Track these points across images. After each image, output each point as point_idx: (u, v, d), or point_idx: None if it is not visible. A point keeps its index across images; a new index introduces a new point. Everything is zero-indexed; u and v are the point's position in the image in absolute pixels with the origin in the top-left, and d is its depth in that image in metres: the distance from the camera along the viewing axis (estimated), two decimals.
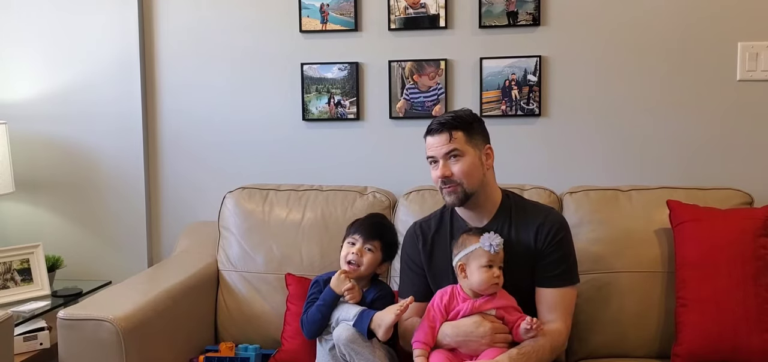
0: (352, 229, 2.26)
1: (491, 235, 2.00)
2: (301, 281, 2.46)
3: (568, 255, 2.12)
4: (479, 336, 1.98)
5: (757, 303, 2.17)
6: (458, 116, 2.10)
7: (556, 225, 2.11)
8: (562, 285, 2.08)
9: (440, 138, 2.07)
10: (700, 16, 2.67)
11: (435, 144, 2.09)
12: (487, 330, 1.97)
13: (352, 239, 2.23)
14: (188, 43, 2.99)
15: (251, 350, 2.45)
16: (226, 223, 2.71)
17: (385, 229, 2.27)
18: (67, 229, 3.08)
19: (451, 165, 2.06)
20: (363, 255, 2.19)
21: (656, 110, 2.73)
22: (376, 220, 2.29)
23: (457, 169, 2.06)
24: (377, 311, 2.06)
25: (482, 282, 2.00)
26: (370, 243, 2.20)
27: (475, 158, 2.08)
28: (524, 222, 2.12)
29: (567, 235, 2.13)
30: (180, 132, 3.03)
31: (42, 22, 3.03)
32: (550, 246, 2.08)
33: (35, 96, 3.06)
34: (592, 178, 2.70)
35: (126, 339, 2.14)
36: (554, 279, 2.08)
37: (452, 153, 2.06)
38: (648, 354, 2.36)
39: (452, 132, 2.06)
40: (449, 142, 2.06)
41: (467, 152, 2.07)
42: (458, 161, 2.06)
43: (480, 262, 2.00)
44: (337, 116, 2.91)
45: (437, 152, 2.08)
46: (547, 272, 2.08)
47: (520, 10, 2.75)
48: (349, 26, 2.86)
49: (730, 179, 2.60)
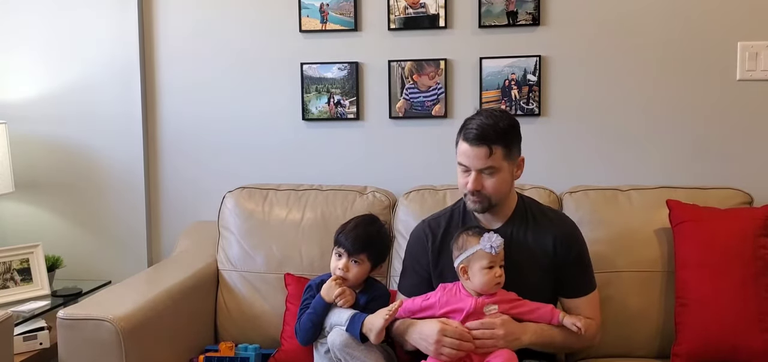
0: (339, 239, 2.19)
1: (491, 236, 1.99)
2: (300, 281, 2.46)
3: (588, 264, 2.16)
4: (434, 340, 1.95)
5: (757, 302, 2.17)
6: (500, 129, 1.98)
7: (573, 236, 2.14)
8: (587, 292, 2.14)
9: (479, 151, 1.97)
10: (699, 16, 2.67)
11: (472, 155, 1.99)
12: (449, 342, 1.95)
13: (338, 251, 2.18)
14: (188, 43, 2.99)
15: (251, 350, 2.45)
16: (226, 223, 2.71)
17: (371, 241, 2.18)
18: (66, 229, 3.08)
19: (484, 179, 2.00)
20: (349, 269, 2.16)
21: (656, 110, 2.73)
22: (361, 232, 2.18)
23: (489, 184, 2.00)
24: (371, 314, 2.04)
25: (485, 283, 2.00)
26: (355, 256, 2.16)
27: (509, 173, 2.04)
28: (538, 229, 2.12)
29: (583, 244, 2.17)
30: (180, 132, 3.03)
31: (42, 23, 3.03)
32: (571, 260, 2.11)
33: (35, 96, 3.06)
34: (591, 178, 2.70)
35: (126, 339, 2.14)
36: (580, 289, 2.13)
37: (488, 170, 1.99)
38: (648, 353, 2.37)
39: (493, 147, 1.97)
40: (488, 159, 1.97)
41: (503, 168, 2.00)
42: (492, 176, 2.00)
43: (482, 264, 1.99)
44: (337, 116, 2.91)
45: (472, 164, 1.99)
46: (572, 283, 2.12)
47: (519, 10, 2.75)
48: (349, 26, 2.86)
49: (729, 179, 2.60)
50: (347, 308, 2.12)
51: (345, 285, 2.16)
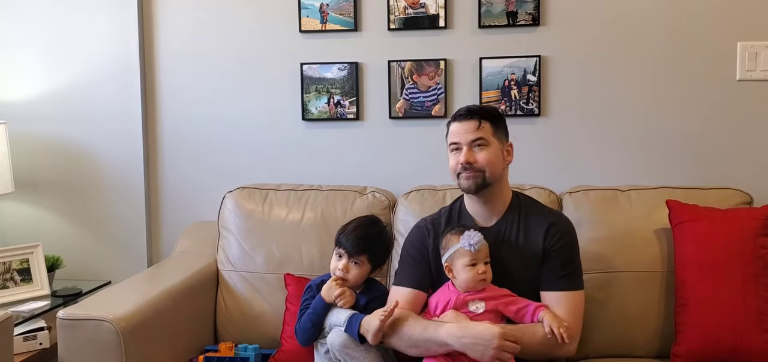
0: (340, 239, 2.20)
1: (470, 233, 2.01)
2: (300, 281, 2.46)
3: (573, 259, 2.11)
4: (487, 343, 1.90)
5: (757, 302, 2.17)
6: (486, 107, 2.13)
7: (564, 228, 2.11)
8: (566, 288, 2.06)
9: (468, 124, 2.07)
10: (699, 16, 2.67)
11: (462, 130, 2.08)
12: (496, 343, 1.89)
13: (339, 251, 2.20)
14: (188, 42, 2.99)
15: (251, 350, 2.45)
16: (226, 223, 2.71)
17: (372, 242, 2.19)
18: (66, 229, 3.08)
19: (476, 152, 2.06)
20: (349, 270, 2.17)
21: (655, 110, 2.73)
22: (362, 233, 2.19)
23: (481, 157, 2.06)
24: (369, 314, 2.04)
25: (468, 280, 2.01)
26: (356, 257, 2.17)
27: (499, 151, 2.09)
28: (534, 224, 2.11)
29: (574, 240, 2.14)
30: (180, 132, 3.03)
31: (42, 23, 3.03)
32: (556, 249, 2.07)
33: (35, 96, 3.06)
34: (591, 178, 2.70)
35: (125, 339, 2.14)
36: (559, 282, 2.06)
37: (478, 141, 2.06)
38: (648, 353, 2.36)
39: (481, 120, 2.07)
40: (477, 130, 2.06)
41: (492, 143, 2.08)
42: (483, 150, 2.06)
43: (464, 261, 2.01)
44: (337, 116, 2.91)
45: (463, 138, 2.07)
46: (552, 274, 2.07)
47: (519, 10, 2.75)
48: (349, 26, 2.86)
49: (729, 179, 2.60)
50: (347, 309, 2.12)
51: (345, 286, 2.16)
